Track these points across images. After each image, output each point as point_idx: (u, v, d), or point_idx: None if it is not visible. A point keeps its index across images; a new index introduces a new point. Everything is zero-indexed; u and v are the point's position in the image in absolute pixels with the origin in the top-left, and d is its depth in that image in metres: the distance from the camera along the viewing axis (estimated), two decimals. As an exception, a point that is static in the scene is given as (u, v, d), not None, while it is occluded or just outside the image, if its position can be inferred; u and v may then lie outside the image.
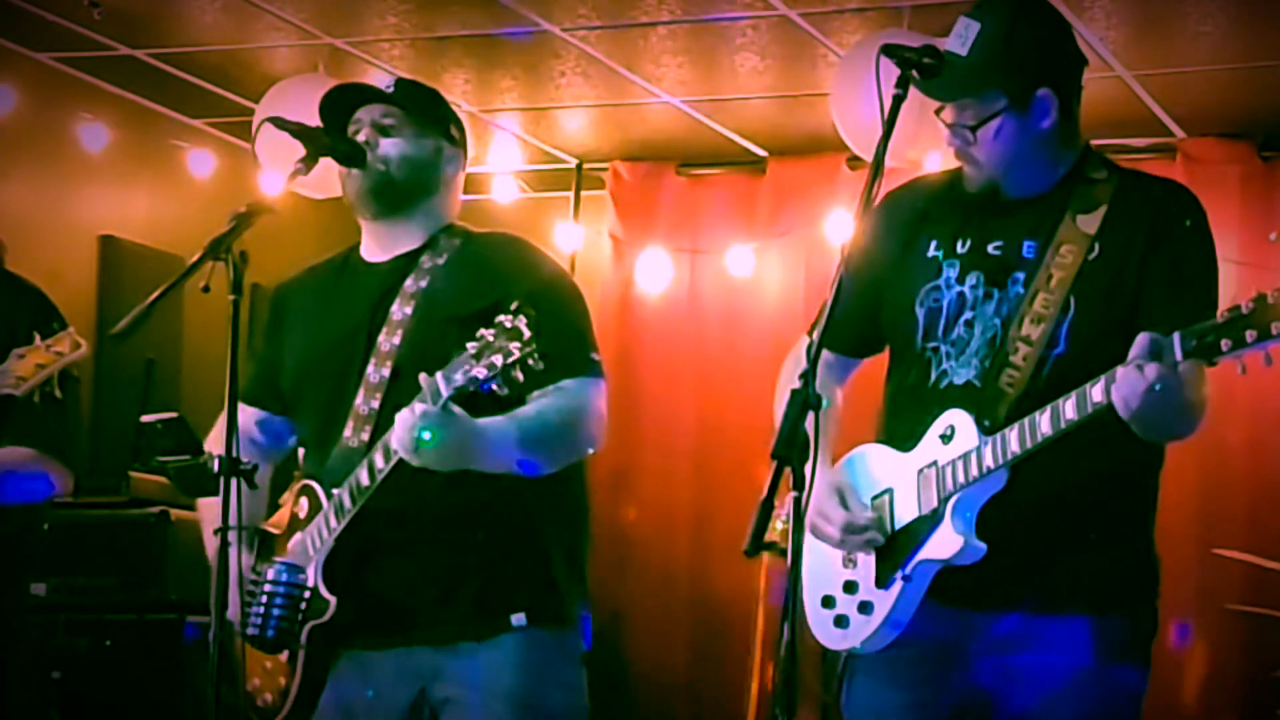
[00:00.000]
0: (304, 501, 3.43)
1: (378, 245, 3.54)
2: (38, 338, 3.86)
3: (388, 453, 3.21)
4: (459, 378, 3.06)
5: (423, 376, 3.12)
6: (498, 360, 3.03)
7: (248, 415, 3.54)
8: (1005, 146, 3.12)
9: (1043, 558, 3.08)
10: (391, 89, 3.51)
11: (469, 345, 3.05)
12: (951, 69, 3.06)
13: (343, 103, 3.52)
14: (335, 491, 3.33)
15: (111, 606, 5.83)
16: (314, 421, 3.51)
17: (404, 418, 3.11)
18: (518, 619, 3.34)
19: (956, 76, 3.08)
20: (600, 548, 7.09)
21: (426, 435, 3.11)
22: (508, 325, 3.03)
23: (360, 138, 3.46)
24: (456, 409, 3.12)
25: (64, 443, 4.20)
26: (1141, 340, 2.80)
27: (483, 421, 3.19)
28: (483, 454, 3.20)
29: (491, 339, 3.04)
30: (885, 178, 2.98)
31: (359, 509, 3.29)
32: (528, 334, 3.02)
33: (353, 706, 3.43)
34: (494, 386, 3.05)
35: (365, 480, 3.26)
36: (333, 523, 3.33)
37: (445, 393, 3.09)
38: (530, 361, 3.03)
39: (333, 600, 3.32)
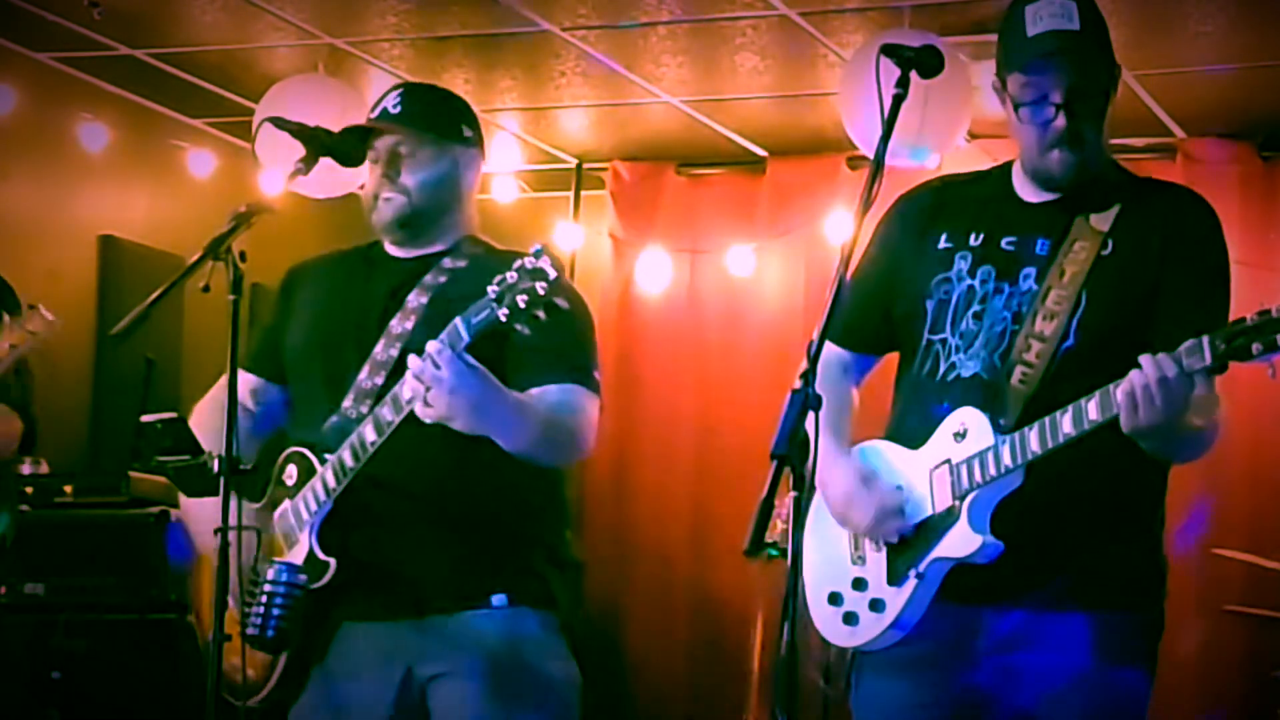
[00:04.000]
0: (292, 469, 3.42)
1: (400, 247, 3.55)
2: (6, 318, 3.86)
3: (396, 405, 3.19)
4: (480, 320, 3.04)
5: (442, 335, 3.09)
6: (521, 301, 2.98)
7: (243, 381, 3.51)
8: (1101, 129, 3.12)
9: (1051, 557, 3.08)
10: (399, 107, 3.49)
11: (489, 289, 3.02)
12: (1071, 41, 3.05)
13: (357, 140, 3.50)
14: (330, 456, 3.32)
15: (111, 606, 5.82)
16: (312, 391, 3.49)
17: (415, 363, 3.09)
18: (498, 599, 3.35)
19: (1079, 49, 3.06)
20: (600, 547, 7.17)
21: None
22: (529, 266, 2.99)
23: (378, 173, 3.45)
24: (477, 364, 3.10)
25: (27, 402, 4.23)
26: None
27: (510, 392, 3.19)
28: (501, 418, 3.18)
29: (513, 281, 3.00)
30: (886, 178, 2.98)
31: (361, 467, 3.28)
32: (553, 273, 2.98)
33: (342, 692, 3.42)
34: (517, 327, 3.01)
35: (371, 436, 3.24)
36: (331, 483, 3.32)
37: (466, 337, 3.06)
38: (555, 300, 2.99)
39: (331, 562, 3.32)
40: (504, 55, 6.45)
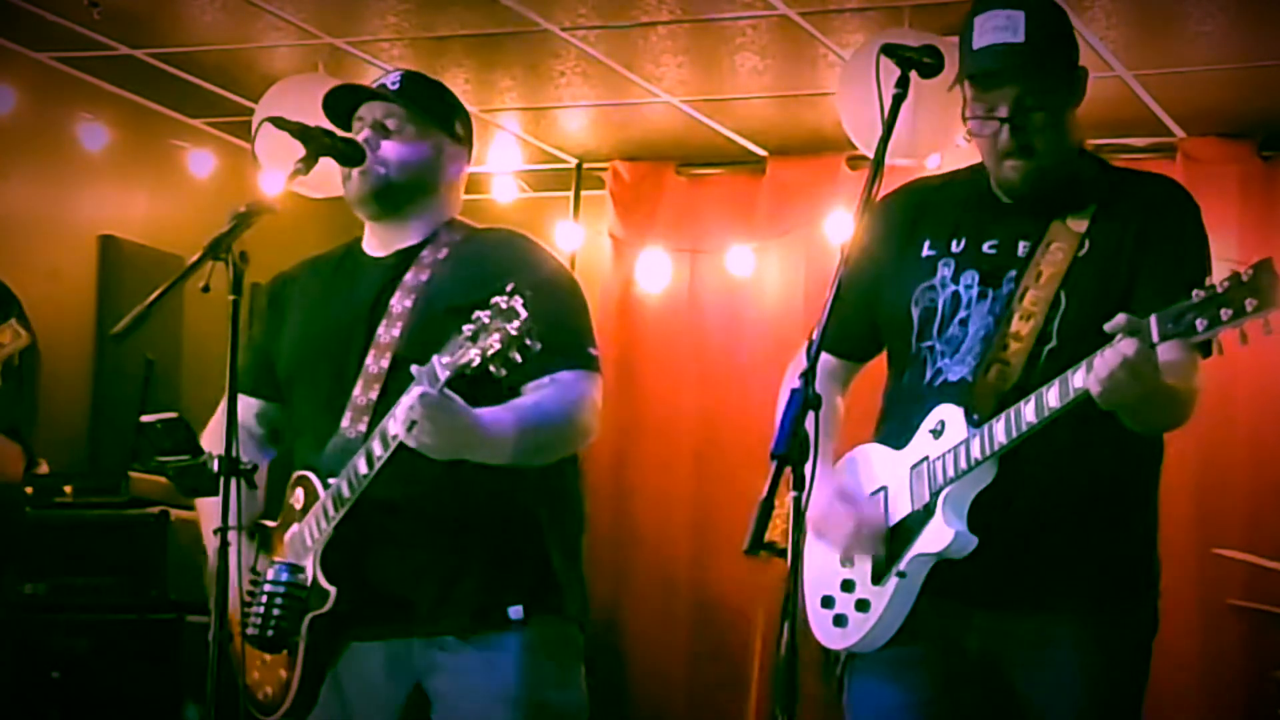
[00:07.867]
0: (299, 492, 3.43)
1: (379, 241, 3.54)
2: None
3: (385, 440, 3.21)
4: (455, 360, 3.04)
5: (415, 367, 3.11)
6: (494, 341, 3.00)
7: (246, 406, 3.54)
8: (1059, 134, 3.11)
9: (1043, 555, 3.09)
10: (397, 85, 3.51)
11: (464, 328, 3.03)
12: (1014, 56, 3.04)
13: (346, 101, 3.52)
14: (333, 481, 3.33)
15: (111, 606, 5.83)
16: (310, 412, 3.50)
17: (403, 403, 3.11)
18: (515, 611, 3.34)
19: (1023, 63, 3.05)
20: (600, 548, 7.16)
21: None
22: (503, 306, 3.01)
23: (360, 137, 3.46)
24: (453, 395, 3.11)
25: (19, 420, 4.21)
26: (1119, 319, 2.79)
27: (480, 410, 3.19)
28: (479, 442, 3.19)
29: (487, 320, 3.01)
30: (885, 177, 2.99)
31: (357, 498, 3.29)
32: (524, 314, 2.99)
33: (351, 704, 3.43)
34: (491, 369, 3.03)
35: (363, 468, 3.26)
36: (331, 512, 3.33)
37: (442, 376, 3.07)
38: (527, 342, 3.00)
39: (333, 590, 3.32)
40: (504, 55, 6.45)
